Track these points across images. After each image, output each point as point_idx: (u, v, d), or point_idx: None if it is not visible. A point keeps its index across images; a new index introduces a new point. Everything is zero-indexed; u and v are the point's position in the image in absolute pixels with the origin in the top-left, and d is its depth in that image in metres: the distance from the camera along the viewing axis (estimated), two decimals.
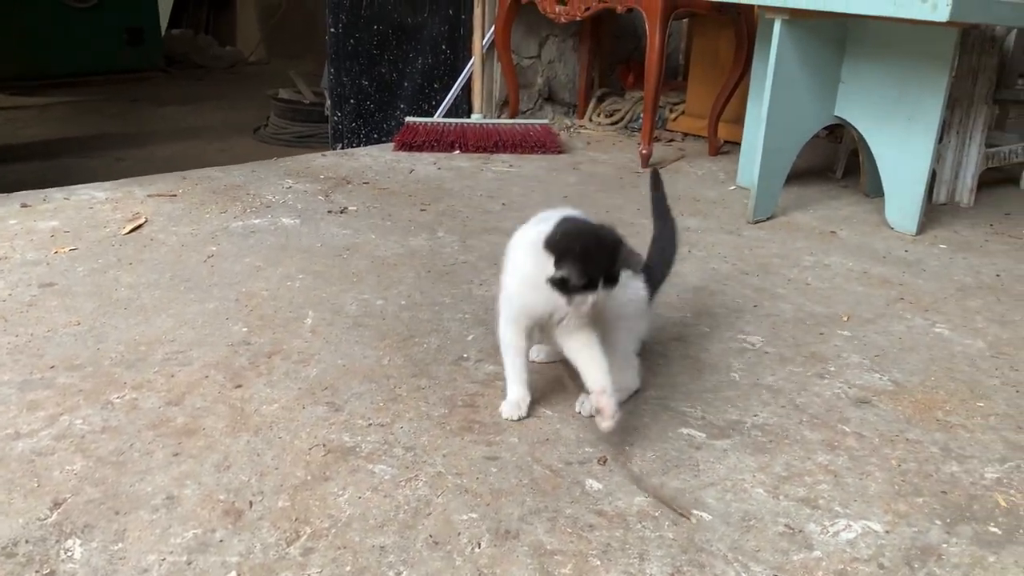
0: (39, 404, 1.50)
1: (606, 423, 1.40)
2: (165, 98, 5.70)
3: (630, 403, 1.59)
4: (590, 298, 1.33)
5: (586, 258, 1.32)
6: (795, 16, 2.53)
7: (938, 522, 1.29)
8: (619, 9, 3.41)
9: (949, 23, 2.23)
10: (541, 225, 1.41)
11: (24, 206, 2.58)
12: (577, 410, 1.55)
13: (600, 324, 1.47)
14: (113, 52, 6.29)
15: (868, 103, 2.72)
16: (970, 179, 3.00)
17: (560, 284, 1.33)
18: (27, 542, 1.17)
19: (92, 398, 1.53)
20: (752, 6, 3.24)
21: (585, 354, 1.46)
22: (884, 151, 2.69)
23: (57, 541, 1.17)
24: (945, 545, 1.24)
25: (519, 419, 1.52)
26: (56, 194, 2.71)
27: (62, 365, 1.65)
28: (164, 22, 7.15)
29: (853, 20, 2.65)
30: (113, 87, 5.99)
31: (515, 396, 1.53)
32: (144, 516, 1.23)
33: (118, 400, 1.53)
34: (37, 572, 1.11)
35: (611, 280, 1.35)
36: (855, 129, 2.80)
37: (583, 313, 1.37)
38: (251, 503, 1.27)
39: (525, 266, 1.40)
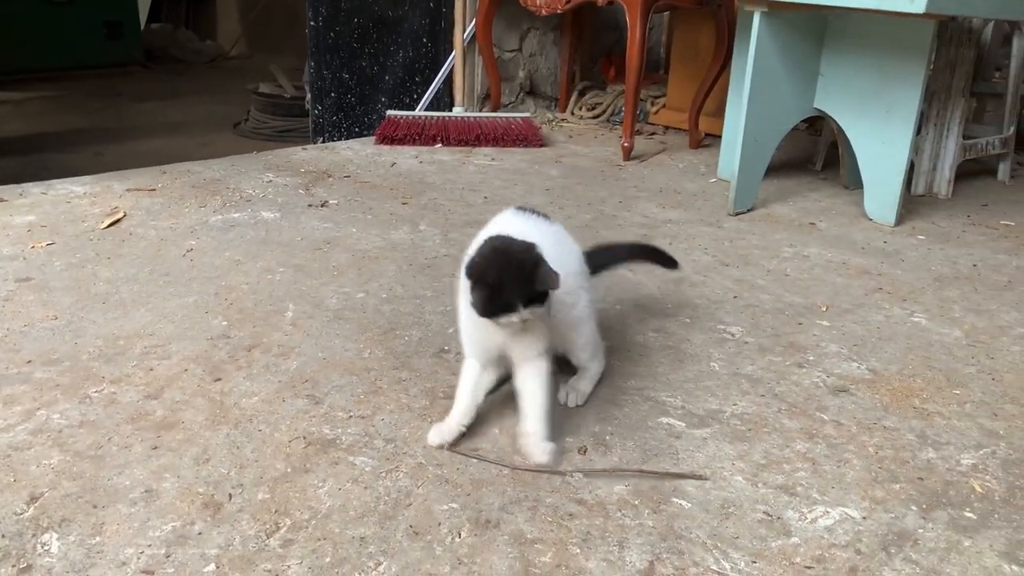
0: (15, 399, 1.49)
1: (536, 459, 1.37)
2: (145, 93, 5.66)
3: (610, 392, 1.60)
4: (514, 318, 1.30)
5: (500, 285, 1.28)
6: (774, 8, 2.54)
7: (914, 508, 1.30)
8: (600, 2, 3.42)
9: (926, 15, 2.25)
10: (476, 243, 1.39)
11: (0, 201, 2.55)
12: (560, 401, 1.55)
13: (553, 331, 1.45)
14: (92, 47, 6.24)
15: (847, 95, 2.73)
16: (948, 170, 3.02)
17: (480, 309, 1.30)
18: (3, 536, 1.16)
19: (70, 392, 1.52)
20: None
21: (529, 390, 1.40)
22: (863, 143, 2.71)
23: (34, 535, 1.16)
24: (921, 530, 1.25)
25: (438, 446, 1.40)
26: (33, 189, 2.69)
27: (39, 360, 1.63)
28: (143, 16, 7.09)
29: (832, 12, 2.66)
30: (92, 82, 5.93)
31: (446, 421, 1.43)
32: (122, 509, 1.22)
33: (96, 394, 1.52)
34: (14, 567, 1.11)
35: (533, 302, 1.30)
36: (834, 121, 2.82)
37: (516, 330, 1.34)
38: (231, 495, 1.27)
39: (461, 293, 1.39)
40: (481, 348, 1.42)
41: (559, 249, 1.47)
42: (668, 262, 1.90)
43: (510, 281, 1.28)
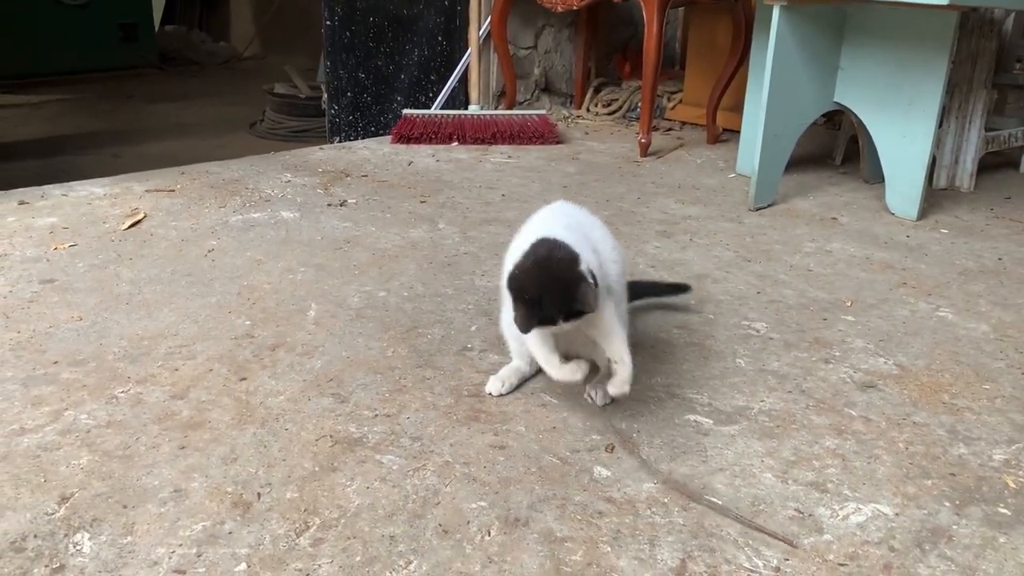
0: (43, 400, 1.50)
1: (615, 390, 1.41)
2: (160, 95, 5.68)
3: (635, 390, 1.57)
4: (553, 329, 1.34)
5: (539, 302, 1.30)
6: (793, 2, 2.52)
7: (947, 504, 1.29)
8: None
9: (949, 6, 2.23)
10: (522, 241, 1.41)
11: (22, 203, 2.56)
12: (586, 397, 1.54)
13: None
14: (107, 49, 6.26)
15: (867, 89, 2.71)
16: (970, 163, 2.99)
17: (520, 324, 1.32)
18: (36, 536, 1.16)
19: (96, 393, 1.53)
20: None
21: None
22: (884, 137, 2.69)
23: (66, 535, 1.17)
24: (955, 527, 1.24)
25: (499, 395, 1.54)
26: (54, 191, 2.70)
27: (65, 360, 1.64)
28: (158, 18, 7.12)
29: (852, 5, 2.64)
30: (108, 84, 5.96)
31: (504, 370, 1.57)
32: (152, 509, 1.23)
33: (122, 394, 1.53)
34: (47, 567, 1.11)
35: (571, 317, 1.32)
36: (855, 115, 2.80)
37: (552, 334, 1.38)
38: (259, 495, 1.27)
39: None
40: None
41: (605, 245, 1.52)
42: (679, 289, 1.95)
43: (550, 298, 1.30)
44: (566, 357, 1.46)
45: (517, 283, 1.33)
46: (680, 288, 1.96)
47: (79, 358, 1.65)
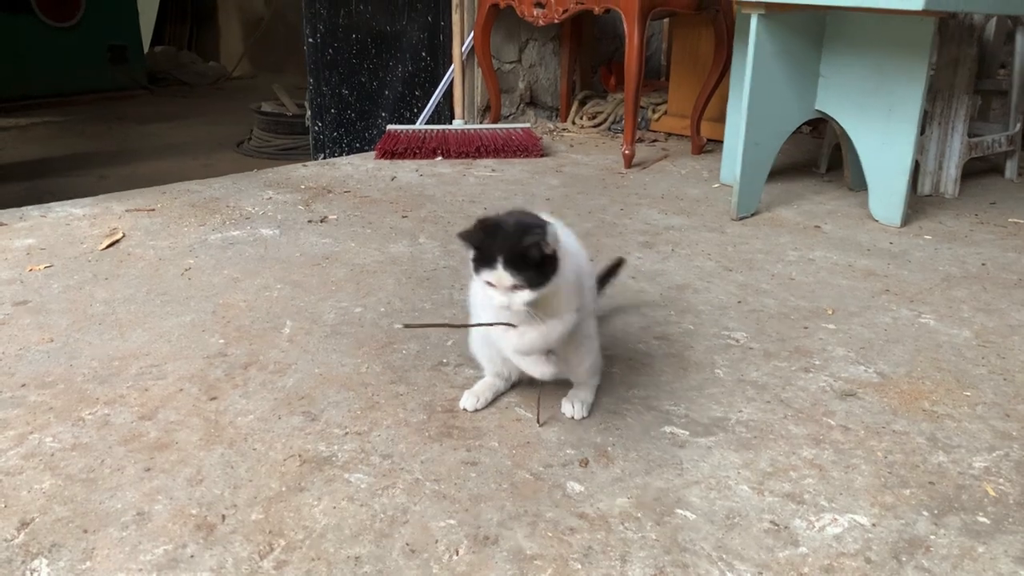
0: (8, 423, 1.47)
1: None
2: (149, 116, 5.68)
3: (612, 402, 1.57)
4: (492, 278, 1.30)
5: (483, 235, 1.32)
6: (771, 10, 2.52)
7: (925, 513, 1.27)
8: (597, 10, 3.40)
9: (925, 12, 2.22)
10: None
11: (0, 225, 2.55)
12: (565, 413, 1.52)
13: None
14: (96, 71, 6.27)
15: (848, 96, 2.70)
16: (954, 169, 2.99)
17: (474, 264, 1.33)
18: None
19: (63, 415, 1.50)
20: (730, 2, 3.24)
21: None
22: (866, 144, 2.68)
23: (23, 562, 1.14)
24: (933, 536, 1.22)
25: (473, 410, 1.53)
26: (33, 212, 2.68)
27: (33, 383, 1.61)
28: (147, 39, 7.13)
29: (830, 13, 2.64)
30: (96, 106, 5.96)
31: (479, 384, 1.57)
32: (113, 533, 1.20)
33: (90, 416, 1.50)
34: None
35: (512, 264, 1.28)
36: (836, 123, 2.79)
37: (500, 303, 1.32)
38: (224, 517, 1.24)
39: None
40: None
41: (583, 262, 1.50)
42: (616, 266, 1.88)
43: (493, 236, 1.31)
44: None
45: (473, 226, 1.34)
46: (616, 265, 1.87)
47: (47, 380, 1.63)
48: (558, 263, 1.32)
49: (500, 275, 1.29)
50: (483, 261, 1.32)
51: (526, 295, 1.30)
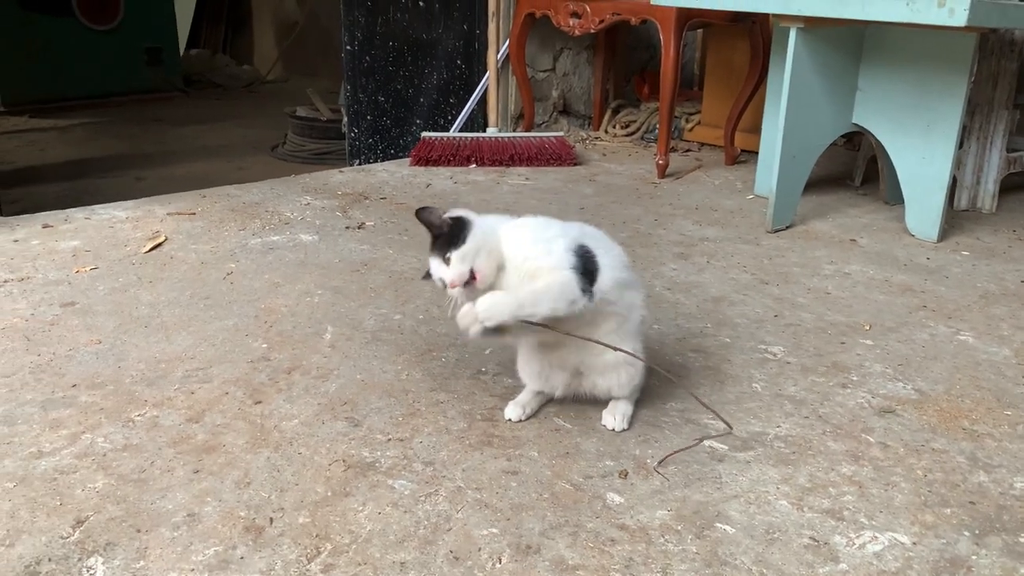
0: (61, 423, 1.51)
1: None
2: (184, 118, 5.76)
3: (650, 415, 1.58)
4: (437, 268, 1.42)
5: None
6: (810, 24, 2.52)
7: (967, 533, 1.27)
8: (633, 21, 3.42)
9: (967, 28, 2.22)
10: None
11: (46, 227, 2.61)
12: (606, 425, 1.53)
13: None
14: (133, 73, 6.36)
15: (886, 110, 2.70)
16: (992, 184, 2.97)
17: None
18: (50, 560, 1.17)
19: (113, 416, 1.54)
20: (767, 15, 3.24)
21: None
22: (903, 158, 2.67)
23: (79, 559, 1.18)
24: (975, 557, 1.22)
25: (518, 420, 1.55)
26: (77, 214, 2.74)
27: (84, 384, 1.66)
28: (182, 42, 7.23)
29: (870, 27, 2.64)
30: (133, 108, 6.05)
31: (523, 394, 1.59)
32: (165, 533, 1.23)
33: (139, 418, 1.54)
34: None
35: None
36: (873, 136, 2.78)
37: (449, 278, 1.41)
38: (272, 519, 1.27)
39: None
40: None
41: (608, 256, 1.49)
42: None
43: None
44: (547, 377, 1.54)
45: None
46: None
47: (97, 381, 1.67)
48: (467, 226, 1.40)
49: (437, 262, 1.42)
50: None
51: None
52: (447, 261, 1.40)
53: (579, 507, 1.32)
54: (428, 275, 1.48)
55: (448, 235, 1.41)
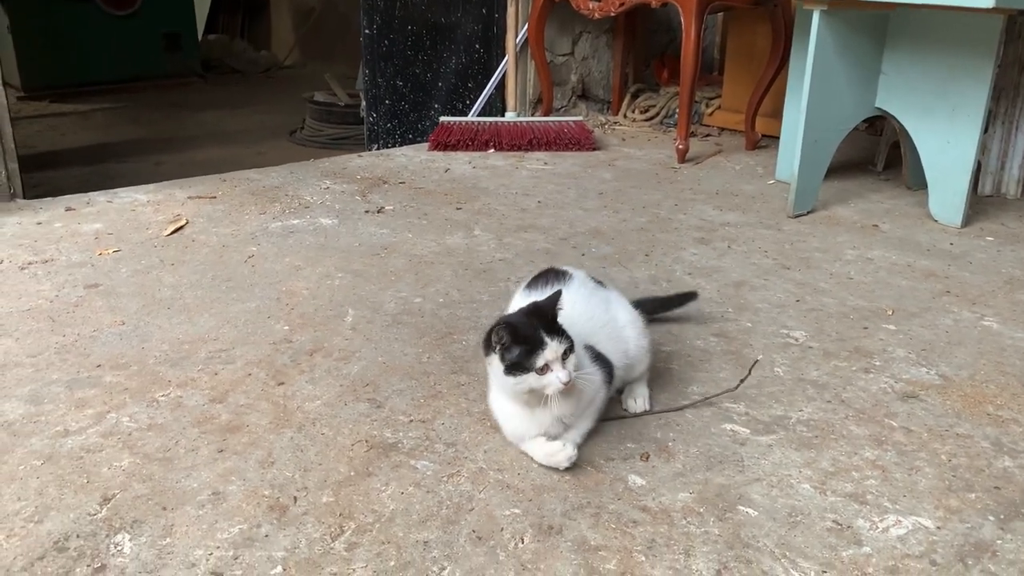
0: (87, 402, 1.53)
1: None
2: (202, 103, 5.78)
3: (671, 398, 1.58)
4: (548, 355, 1.26)
5: (515, 326, 1.29)
6: (833, 6, 2.49)
7: (991, 518, 1.26)
8: (653, 4, 3.39)
9: (994, 10, 2.19)
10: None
11: (69, 209, 2.62)
12: (628, 409, 1.53)
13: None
14: (151, 58, 6.38)
15: (910, 94, 2.67)
16: (1017, 170, 2.93)
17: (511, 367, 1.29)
18: (78, 536, 1.19)
19: (138, 396, 1.56)
20: None
21: None
22: (927, 142, 2.64)
23: (107, 536, 1.19)
24: (999, 541, 1.21)
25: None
26: (99, 197, 2.76)
27: (108, 364, 1.67)
28: (200, 28, 7.24)
29: (895, 10, 2.60)
30: (151, 93, 6.07)
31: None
32: (191, 511, 1.24)
33: (163, 398, 1.55)
34: (88, 566, 1.13)
35: (555, 331, 1.28)
36: (897, 120, 2.75)
37: (560, 383, 1.27)
38: (295, 498, 1.28)
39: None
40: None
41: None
42: (688, 298, 1.89)
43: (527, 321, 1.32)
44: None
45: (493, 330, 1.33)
46: (688, 297, 1.88)
47: (122, 362, 1.68)
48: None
49: (554, 347, 1.26)
50: (527, 347, 1.27)
51: (573, 359, 1.29)
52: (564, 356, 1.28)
53: (601, 489, 1.32)
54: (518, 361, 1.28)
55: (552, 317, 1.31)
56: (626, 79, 4.31)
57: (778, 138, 3.13)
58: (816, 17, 2.50)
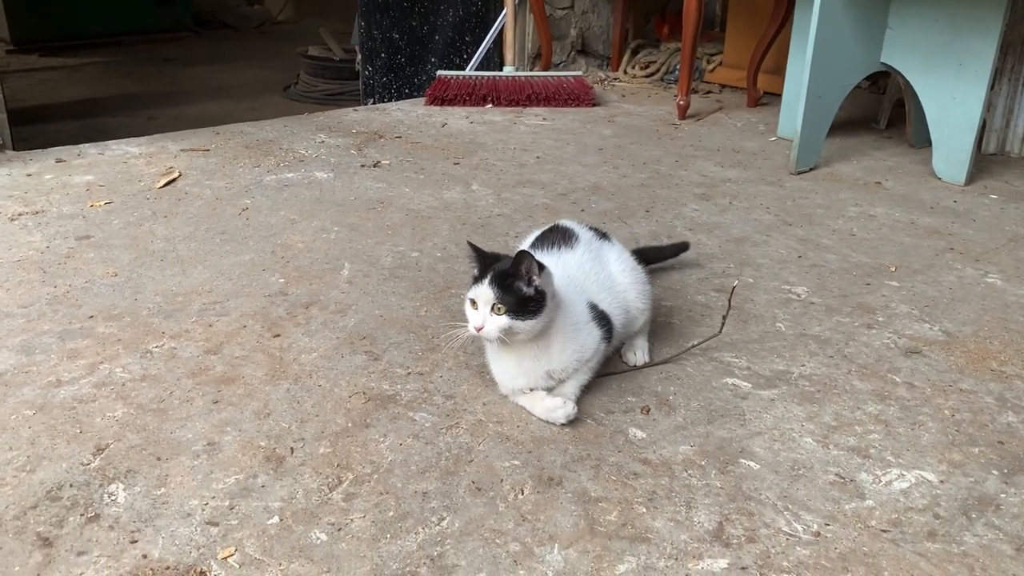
0: (79, 353, 1.51)
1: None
2: (195, 58, 5.68)
3: (672, 353, 1.56)
4: (477, 291, 1.29)
5: (486, 256, 1.36)
6: None
7: (995, 472, 1.25)
8: None
9: None
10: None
11: (59, 161, 2.58)
12: (628, 362, 1.51)
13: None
14: (143, 13, 6.26)
15: (916, 49, 2.62)
16: (1022, 128, 2.89)
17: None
18: (71, 486, 1.17)
19: (131, 347, 1.53)
20: None
21: None
22: (932, 99, 2.60)
23: (100, 485, 1.17)
24: (1003, 495, 1.20)
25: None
26: (90, 149, 2.71)
27: (101, 315, 1.64)
28: None
29: None
30: (143, 48, 5.97)
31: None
32: (185, 462, 1.23)
33: (157, 349, 1.53)
34: (82, 515, 1.11)
35: (498, 281, 1.28)
36: (902, 76, 2.70)
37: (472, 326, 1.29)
38: (292, 449, 1.26)
39: None
40: None
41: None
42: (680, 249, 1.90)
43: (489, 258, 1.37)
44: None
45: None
46: (680, 248, 1.90)
47: (114, 313, 1.66)
48: (545, 303, 1.29)
49: (483, 292, 1.28)
50: (475, 276, 1.33)
51: (503, 321, 1.27)
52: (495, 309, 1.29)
53: (601, 441, 1.30)
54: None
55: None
56: (626, 34, 4.24)
57: (780, 96, 3.09)
58: None
